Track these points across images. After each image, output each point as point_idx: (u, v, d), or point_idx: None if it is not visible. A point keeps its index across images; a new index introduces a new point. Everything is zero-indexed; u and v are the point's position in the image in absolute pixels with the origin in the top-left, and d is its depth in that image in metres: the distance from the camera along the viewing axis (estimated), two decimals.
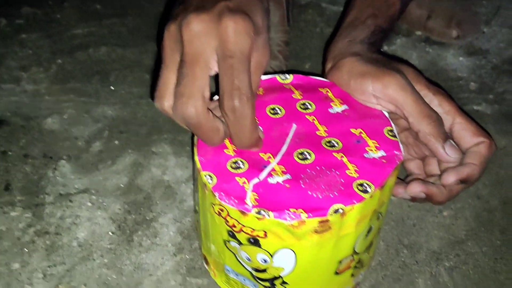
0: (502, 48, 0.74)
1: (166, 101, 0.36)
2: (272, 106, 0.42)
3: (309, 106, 0.43)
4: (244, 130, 0.36)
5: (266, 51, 0.38)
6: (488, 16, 0.80)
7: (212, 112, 0.36)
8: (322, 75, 0.47)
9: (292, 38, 0.75)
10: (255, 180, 0.37)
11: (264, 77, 0.46)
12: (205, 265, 0.47)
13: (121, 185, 0.54)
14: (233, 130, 0.36)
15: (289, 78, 0.45)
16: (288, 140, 0.40)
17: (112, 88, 0.67)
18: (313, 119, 0.41)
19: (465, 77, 0.69)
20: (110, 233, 0.50)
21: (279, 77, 0.46)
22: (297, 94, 0.44)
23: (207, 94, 0.35)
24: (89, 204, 0.52)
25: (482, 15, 0.79)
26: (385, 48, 0.73)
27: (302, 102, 0.43)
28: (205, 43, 0.35)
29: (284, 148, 0.39)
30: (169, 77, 0.36)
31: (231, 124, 0.36)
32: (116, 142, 0.59)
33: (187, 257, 0.48)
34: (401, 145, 0.39)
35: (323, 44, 0.75)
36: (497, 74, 0.70)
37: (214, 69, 0.36)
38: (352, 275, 0.42)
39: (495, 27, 0.78)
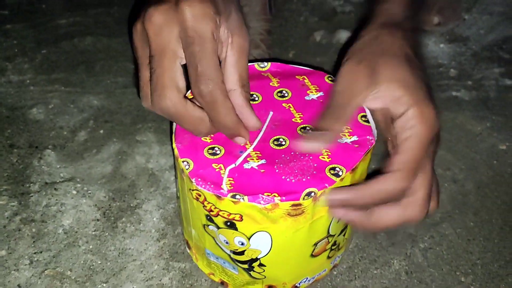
0: (482, 35, 0.75)
1: (145, 99, 0.37)
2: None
3: (286, 94, 0.44)
4: (218, 115, 0.36)
5: (244, 33, 0.38)
6: (469, 3, 0.81)
7: (193, 102, 0.37)
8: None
9: (276, 27, 0.75)
10: (231, 166, 0.38)
11: None
12: (187, 250, 0.48)
13: (106, 173, 0.55)
14: (210, 116, 0.37)
15: (267, 65, 0.46)
16: (265, 127, 0.41)
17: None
18: (289, 106, 0.42)
19: (445, 64, 0.71)
20: (95, 220, 0.51)
21: (257, 65, 0.47)
22: (274, 82, 0.45)
23: (182, 83, 0.36)
24: (74, 192, 0.53)
25: (463, 2, 0.81)
26: None
27: (279, 90, 0.44)
28: (168, 33, 0.35)
29: (260, 135, 0.40)
30: (146, 75, 0.37)
31: (206, 111, 0.37)
32: (101, 131, 0.60)
33: (170, 242, 0.49)
34: (374, 130, 0.41)
35: (307, 33, 0.76)
36: (476, 61, 0.71)
37: (184, 57, 0.36)
38: (329, 257, 0.44)
39: (475, 14, 0.79)
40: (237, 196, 0.36)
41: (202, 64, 0.35)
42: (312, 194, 0.36)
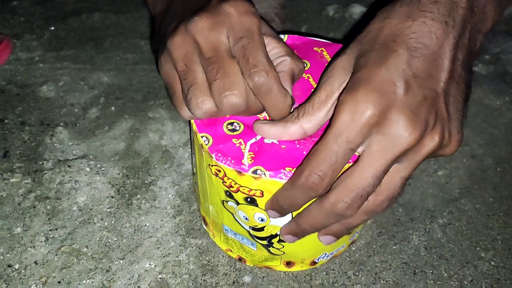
0: None
1: (206, 104, 0.36)
2: None
3: (305, 65, 0.43)
4: (275, 102, 0.36)
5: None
6: None
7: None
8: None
9: (288, 1, 0.74)
10: (252, 140, 0.37)
11: None
12: (204, 226, 0.48)
13: (119, 150, 0.55)
14: (266, 105, 0.36)
15: (284, 38, 0.45)
16: None
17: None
18: (308, 77, 0.41)
19: None
20: (109, 197, 0.50)
21: None
22: None
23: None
24: (88, 169, 0.53)
25: None
26: None
27: None
28: (218, 34, 0.35)
29: None
30: (197, 83, 0.36)
31: (263, 101, 0.36)
32: (113, 108, 0.59)
33: (186, 218, 0.49)
34: None
35: (320, 7, 0.74)
36: (493, 34, 0.69)
37: None
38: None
39: None
40: (258, 172, 0.35)
41: (253, 55, 0.35)
42: None
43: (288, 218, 0.38)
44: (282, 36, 0.45)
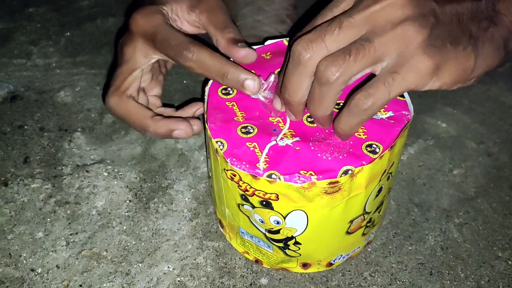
0: None
1: None
2: (279, 70, 0.43)
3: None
4: (212, 66, 0.41)
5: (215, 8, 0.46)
6: None
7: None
8: None
9: (301, 2, 0.74)
10: (272, 143, 0.37)
11: (271, 41, 0.46)
12: (221, 229, 0.48)
13: (136, 154, 0.56)
14: (208, 75, 0.42)
15: None
16: None
17: None
18: None
19: None
20: (127, 201, 0.51)
21: (286, 41, 0.46)
22: None
23: None
24: (106, 174, 0.54)
25: None
26: None
27: None
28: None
29: None
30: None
31: (200, 72, 0.42)
32: None
33: (203, 221, 0.49)
34: (410, 105, 0.40)
35: None
36: None
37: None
38: (364, 234, 0.44)
39: None
40: (273, 176, 0.36)
41: (172, 38, 0.42)
42: (349, 171, 0.35)
43: (303, 224, 0.38)
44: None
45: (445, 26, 0.33)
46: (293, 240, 0.41)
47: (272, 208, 0.38)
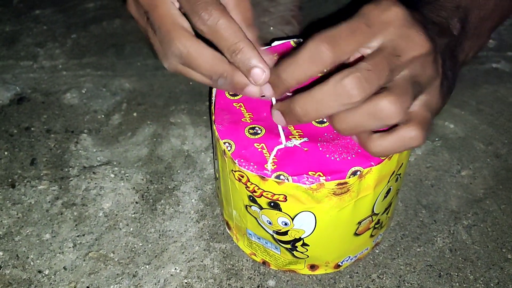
0: None
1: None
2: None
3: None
4: (226, 37, 0.34)
5: None
6: None
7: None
8: None
9: (306, 3, 0.74)
10: (280, 146, 0.37)
11: (278, 42, 0.46)
12: (228, 230, 0.48)
13: (142, 156, 0.55)
14: (219, 45, 0.35)
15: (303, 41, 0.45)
16: None
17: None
18: None
19: None
20: (134, 202, 0.51)
21: (292, 42, 0.46)
22: None
23: (186, 24, 0.36)
24: (112, 175, 0.54)
25: None
26: None
27: None
28: None
29: None
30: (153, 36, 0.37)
31: (213, 40, 0.35)
32: (135, 114, 0.60)
33: (210, 223, 0.49)
34: None
35: (338, 8, 0.74)
36: None
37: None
38: (372, 235, 0.43)
39: None
40: (281, 177, 0.35)
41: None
42: (358, 172, 0.35)
43: (311, 225, 0.38)
44: (301, 40, 0.45)
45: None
46: (301, 242, 0.40)
47: (280, 209, 0.38)
